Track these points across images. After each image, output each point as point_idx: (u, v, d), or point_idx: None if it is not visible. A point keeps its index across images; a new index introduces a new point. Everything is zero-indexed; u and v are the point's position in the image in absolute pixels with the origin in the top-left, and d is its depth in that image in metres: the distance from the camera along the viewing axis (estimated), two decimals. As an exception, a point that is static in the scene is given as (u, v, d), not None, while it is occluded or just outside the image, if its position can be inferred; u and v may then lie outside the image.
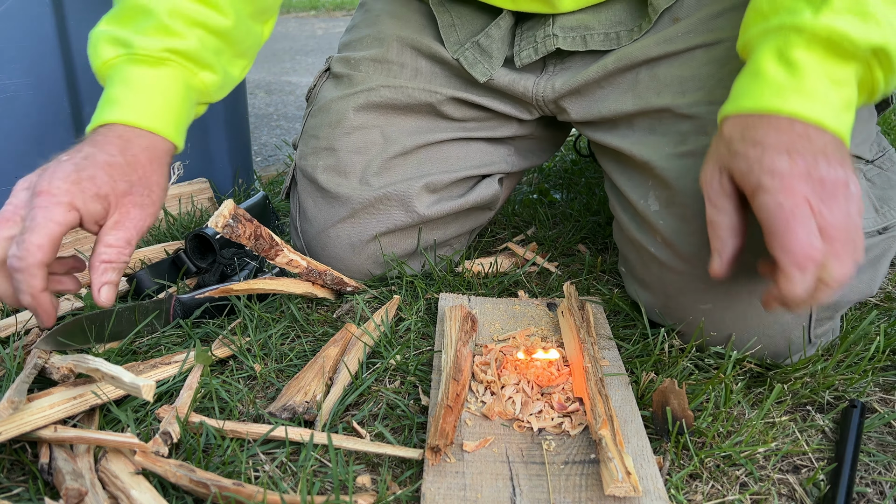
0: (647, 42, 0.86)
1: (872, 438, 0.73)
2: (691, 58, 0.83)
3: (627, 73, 0.88)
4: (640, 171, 0.86)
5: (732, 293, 0.77)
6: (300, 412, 0.71)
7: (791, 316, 0.77)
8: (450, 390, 0.69)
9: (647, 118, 0.86)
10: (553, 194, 1.37)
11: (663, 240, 0.81)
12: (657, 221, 0.81)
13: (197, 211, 1.21)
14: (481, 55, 0.94)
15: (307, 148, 1.00)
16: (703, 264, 0.76)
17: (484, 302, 0.94)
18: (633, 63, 0.87)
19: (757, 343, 0.79)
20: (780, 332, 0.78)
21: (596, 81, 0.90)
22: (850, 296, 0.79)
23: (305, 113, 1.06)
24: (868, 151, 0.82)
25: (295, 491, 0.63)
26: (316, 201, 0.98)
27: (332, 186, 0.96)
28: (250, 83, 2.86)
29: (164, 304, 0.89)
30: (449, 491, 0.61)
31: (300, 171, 1.01)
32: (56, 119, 1.08)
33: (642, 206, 0.84)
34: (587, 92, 0.91)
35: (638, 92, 0.86)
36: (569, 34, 0.89)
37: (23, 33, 1.01)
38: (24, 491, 0.63)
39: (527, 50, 0.92)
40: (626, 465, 0.59)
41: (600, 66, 0.88)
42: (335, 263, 0.98)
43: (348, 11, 5.65)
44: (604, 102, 0.89)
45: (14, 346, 0.80)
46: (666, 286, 0.82)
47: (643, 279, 0.86)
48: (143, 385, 0.65)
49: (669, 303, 0.83)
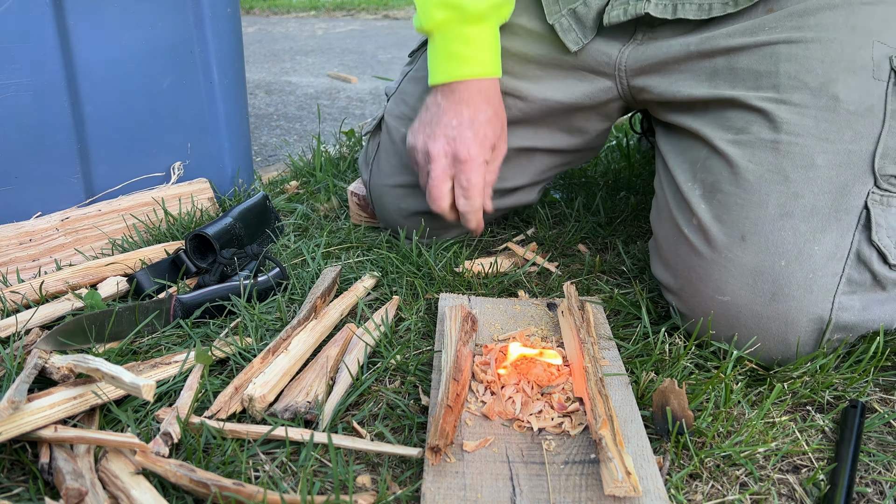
0: (732, 29, 0.86)
1: (872, 438, 0.73)
2: (772, 53, 0.83)
3: (707, 59, 0.88)
4: (697, 153, 0.87)
5: (754, 289, 0.77)
6: (302, 412, 0.71)
7: (808, 331, 0.76)
8: (450, 390, 0.69)
9: (718, 106, 0.87)
10: (553, 194, 1.37)
11: (699, 224, 0.82)
12: (698, 206, 0.83)
13: (197, 211, 1.21)
14: (576, 23, 0.96)
15: (396, 109, 1.10)
16: (731, 256, 0.78)
17: (484, 302, 0.94)
18: (715, 50, 0.87)
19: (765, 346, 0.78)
20: (789, 340, 0.77)
21: (676, 61, 0.91)
22: (869, 322, 0.78)
23: (405, 70, 1.13)
24: None
25: (295, 491, 0.63)
26: (389, 160, 1.10)
27: None
28: (250, 83, 2.86)
29: (164, 304, 0.89)
30: (449, 491, 0.61)
31: (387, 125, 1.11)
32: (56, 119, 1.08)
33: (687, 189, 0.86)
34: (667, 71, 0.92)
35: (714, 81, 0.87)
36: (661, 1, 0.89)
37: (23, 33, 1.01)
38: (24, 491, 0.63)
39: (617, 10, 0.92)
40: (626, 465, 0.59)
41: (683, 45, 0.89)
42: (381, 212, 1.13)
43: (348, 11, 5.65)
44: (681, 85, 0.91)
45: (14, 346, 0.80)
46: (689, 271, 0.83)
47: (668, 260, 0.87)
48: (143, 385, 0.65)
49: (688, 288, 0.83)
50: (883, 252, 0.76)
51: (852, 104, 0.78)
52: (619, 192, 1.37)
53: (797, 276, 0.75)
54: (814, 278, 0.75)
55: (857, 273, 0.76)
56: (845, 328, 0.77)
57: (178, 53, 1.19)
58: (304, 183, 1.45)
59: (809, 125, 0.78)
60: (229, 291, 0.93)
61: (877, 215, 0.76)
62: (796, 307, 0.75)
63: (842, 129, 0.77)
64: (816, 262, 0.75)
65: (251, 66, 3.29)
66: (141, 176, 1.21)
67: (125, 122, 1.16)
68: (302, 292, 0.98)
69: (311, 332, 0.84)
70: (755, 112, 0.82)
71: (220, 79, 1.25)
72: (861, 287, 0.77)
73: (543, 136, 1.05)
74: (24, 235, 1.04)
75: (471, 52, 0.93)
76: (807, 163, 0.77)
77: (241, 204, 1.14)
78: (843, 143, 0.77)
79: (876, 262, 0.76)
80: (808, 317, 0.76)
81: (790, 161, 0.78)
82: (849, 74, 0.79)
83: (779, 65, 0.82)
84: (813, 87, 0.79)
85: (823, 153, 0.77)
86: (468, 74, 0.93)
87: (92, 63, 1.09)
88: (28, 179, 1.07)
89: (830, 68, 0.79)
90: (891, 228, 0.76)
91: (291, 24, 5.04)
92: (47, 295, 0.95)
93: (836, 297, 0.75)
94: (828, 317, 0.75)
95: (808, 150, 0.78)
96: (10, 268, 1.01)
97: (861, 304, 0.77)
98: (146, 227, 1.15)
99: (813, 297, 0.75)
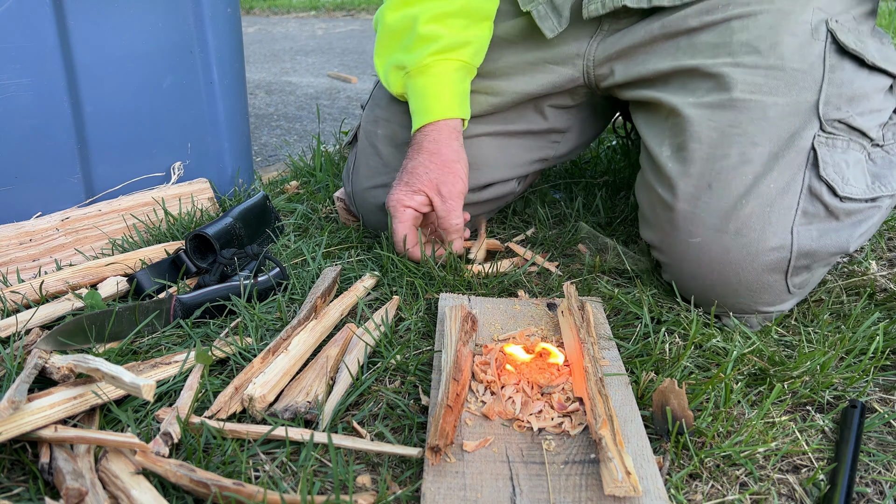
0: (689, 11, 0.95)
1: (872, 438, 0.73)
2: (727, 28, 0.93)
3: (670, 40, 0.97)
4: (664, 119, 0.96)
5: (720, 229, 0.86)
6: (302, 412, 0.71)
7: (770, 261, 0.85)
8: (450, 390, 0.69)
9: (679, 76, 0.96)
10: (553, 194, 1.37)
11: (668, 181, 0.91)
12: (666, 165, 0.92)
13: (197, 211, 1.21)
14: (552, 11, 1.01)
15: (371, 114, 1.15)
16: (700, 203, 0.87)
17: (484, 302, 0.94)
18: (677, 31, 0.96)
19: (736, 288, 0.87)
20: (758, 275, 0.85)
21: (642, 45, 0.99)
22: (827, 247, 0.86)
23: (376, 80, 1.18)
24: (876, 132, 0.89)
25: (295, 491, 0.63)
26: (367, 163, 1.13)
27: (384, 155, 1.11)
28: (250, 83, 2.86)
29: (164, 304, 0.89)
30: (449, 491, 0.61)
31: (363, 131, 1.16)
32: (56, 119, 1.08)
33: (657, 153, 0.94)
34: (633, 54, 1.01)
35: (676, 56, 0.96)
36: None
37: (23, 33, 1.01)
38: (24, 491, 0.63)
39: (595, 4, 0.98)
40: (626, 464, 0.59)
41: (647, 31, 0.98)
42: (366, 217, 1.15)
43: (348, 11, 5.65)
44: (645, 64, 0.99)
45: (14, 346, 0.80)
46: (665, 223, 0.92)
47: (649, 220, 0.96)
48: (143, 385, 0.65)
49: (666, 239, 0.92)
50: (831, 185, 0.85)
51: (796, 62, 0.89)
52: (619, 192, 1.37)
53: (756, 211, 0.85)
54: (771, 211, 0.84)
55: (810, 206, 0.85)
56: (806, 255, 0.85)
57: (178, 53, 1.19)
58: (304, 183, 1.45)
59: (760, 82, 0.89)
60: (229, 291, 0.93)
61: (823, 154, 0.85)
62: (757, 238, 0.84)
63: (789, 83, 0.88)
64: (773, 197, 0.85)
65: (251, 66, 3.29)
66: (141, 176, 1.21)
67: (125, 122, 1.16)
68: (302, 292, 0.98)
69: (311, 332, 0.84)
70: (712, 77, 0.92)
71: (220, 79, 1.25)
72: (816, 218, 0.85)
73: (513, 119, 1.11)
74: (25, 235, 1.04)
75: (423, 103, 1.01)
76: (761, 115, 0.88)
77: (241, 204, 1.14)
78: (790, 96, 0.88)
79: (826, 194, 0.85)
80: (769, 246, 0.84)
81: (746, 115, 0.88)
82: (792, 37, 0.90)
83: (733, 36, 0.92)
84: (762, 50, 0.90)
85: (774, 105, 0.88)
86: (426, 121, 1.00)
87: (92, 63, 1.09)
88: (28, 179, 1.07)
89: (776, 33, 0.90)
90: (836, 165, 0.86)
91: (291, 24, 5.04)
92: (47, 295, 0.95)
93: (794, 227, 0.85)
94: (789, 245, 0.84)
95: (761, 104, 0.88)
96: (10, 268, 1.01)
97: (818, 232, 0.85)
98: (146, 227, 1.15)
99: (772, 228, 0.84)
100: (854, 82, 0.88)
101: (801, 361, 0.79)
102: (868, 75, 0.90)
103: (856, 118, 0.87)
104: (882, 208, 0.89)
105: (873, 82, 0.90)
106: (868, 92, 0.89)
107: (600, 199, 1.28)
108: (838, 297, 0.97)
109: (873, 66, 0.90)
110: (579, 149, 1.21)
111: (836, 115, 0.87)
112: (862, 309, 0.93)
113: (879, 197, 0.88)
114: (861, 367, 0.79)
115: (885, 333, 0.85)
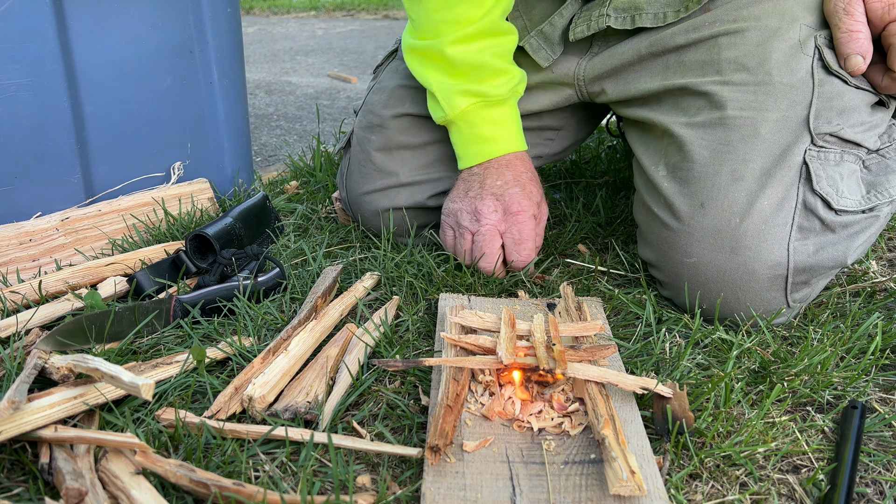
0: (676, 29, 0.96)
1: (872, 438, 0.73)
2: (714, 45, 0.94)
3: (658, 58, 0.99)
4: (659, 139, 0.97)
5: (715, 247, 0.86)
6: (302, 412, 0.71)
7: (768, 278, 0.85)
8: (450, 390, 0.69)
9: (671, 95, 0.97)
10: (553, 194, 1.37)
11: (665, 201, 0.92)
12: (662, 184, 0.92)
13: (197, 211, 1.21)
14: (544, 41, 1.05)
15: (364, 120, 1.14)
16: (693, 223, 0.88)
17: (484, 302, 0.94)
18: (665, 49, 0.97)
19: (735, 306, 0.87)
20: (757, 292, 0.86)
21: (630, 64, 1.01)
22: (825, 262, 0.86)
23: (370, 85, 1.19)
24: (873, 142, 0.89)
25: (295, 491, 0.63)
26: (361, 169, 1.13)
27: (377, 161, 1.11)
28: (250, 83, 2.86)
29: (164, 304, 0.89)
30: (449, 491, 0.61)
31: (356, 137, 1.15)
32: (56, 119, 1.08)
33: (653, 172, 0.95)
34: (623, 73, 1.02)
35: (666, 75, 0.97)
36: (620, 14, 0.99)
37: (23, 33, 1.01)
38: (24, 491, 0.63)
39: (581, 27, 1.01)
40: (631, 463, 0.59)
41: (635, 49, 1.00)
42: (364, 220, 1.15)
43: (348, 11, 5.66)
44: (636, 83, 1.00)
45: (14, 346, 0.80)
46: (661, 242, 0.92)
47: (647, 238, 0.97)
48: (143, 384, 0.65)
49: (663, 258, 0.93)
50: (826, 199, 0.84)
51: (785, 77, 0.89)
52: (620, 192, 1.37)
53: (751, 229, 0.84)
54: (766, 229, 0.84)
55: (806, 221, 0.85)
56: (804, 270, 0.85)
57: (178, 53, 1.19)
58: (304, 183, 1.45)
59: (750, 100, 0.89)
60: (229, 291, 0.93)
61: (816, 168, 0.85)
62: (753, 256, 0.84)
63: (778, 99, 0.88)
64: (767, 214, 0.84)
65: (251, 66, 3.29)
66: (141, 176, 1.21)
67: (125, 121, 1.16)
68: (302, 292, 0.98)
69: (311, 332, 0.84)
70: (703, 95, 0.93)
71: (220, 79, 1.25)
72: (812, 232, 0.85)
73: None
74: (24, 235, 1.04)
75: (500, 133, 1.01)
76: (751, 132, 0.88)
77: (241, 204, 1.14)
78: (780, 111, 0.88)
79: (821, 208, 0.85)
80: (766, 264, 0.84)
81: (737, 133, 0.88)
82: (780, 53, 0.90)
83: (721, 53, 0.92)
84: (751, 67, 0.90)
85: (765, 122, 0.88)
86: (500, 152, 1.01)
87: (92, 63, 1.09)
88: (28, 179, 1.07)
89: (764, 50, 0.90)
90: (830, 178, 0.85)
91: (291, 24, 5.04)
92: (47, 295, 0.95)
93: (790, 243, 0.84)
94: (785, 262, 0.84)
95: (751, 121, 0.88)
96: (10, 268, 1.01)
97: (814, 247, 0.85)
98: (146, 227, 1.15)
99: (767, 245, 0.84)
100: (844, 95, 0.88)
101: (801, 358, 0.79)
102: (856, 90, 0.89)
103: (847, 130, 0.87)
104: (880, 217, 0.89)
105: (861, 96, 0.89)
106: (858, 105, 0.88)
107: (600, 199, 1.28)
108: (839, 298, 0.97)
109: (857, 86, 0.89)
110: (573, 146, 1.22)
111: (828, 128, 0.86)
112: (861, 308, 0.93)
113: (877, 206, 0.87)
114: (861, 367, 0.79)
115: (884, 333, 0.85)
